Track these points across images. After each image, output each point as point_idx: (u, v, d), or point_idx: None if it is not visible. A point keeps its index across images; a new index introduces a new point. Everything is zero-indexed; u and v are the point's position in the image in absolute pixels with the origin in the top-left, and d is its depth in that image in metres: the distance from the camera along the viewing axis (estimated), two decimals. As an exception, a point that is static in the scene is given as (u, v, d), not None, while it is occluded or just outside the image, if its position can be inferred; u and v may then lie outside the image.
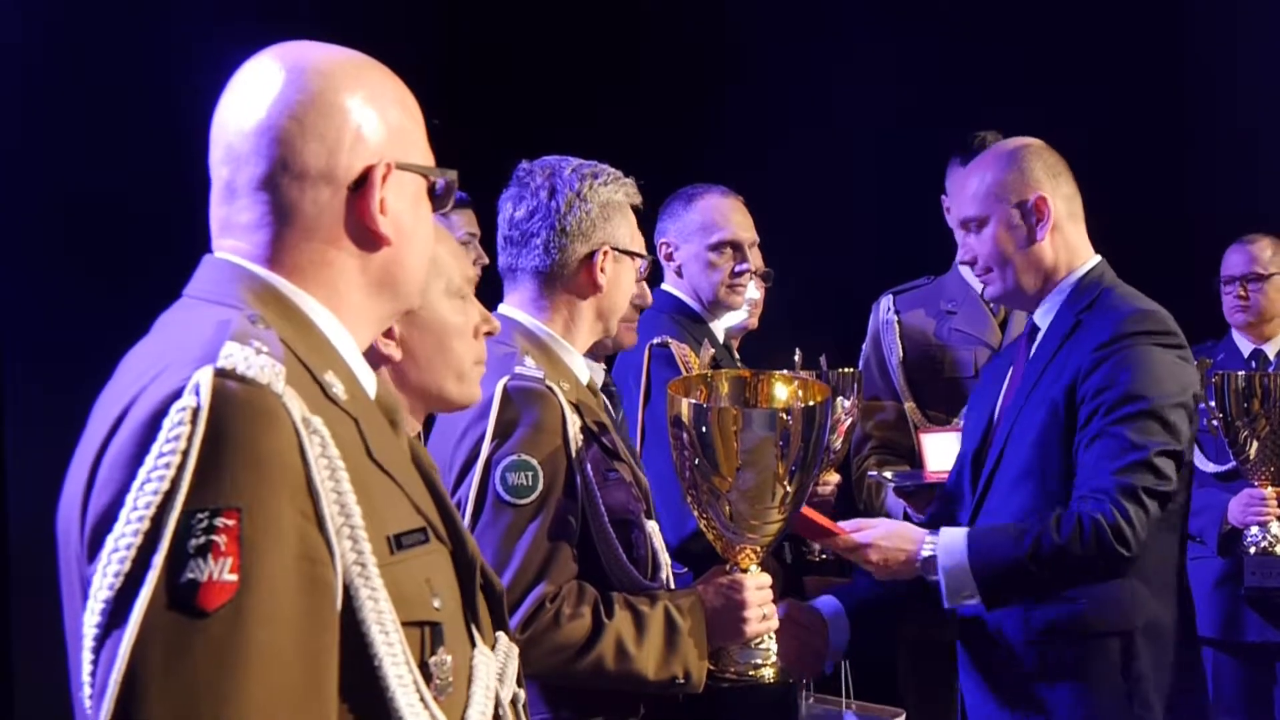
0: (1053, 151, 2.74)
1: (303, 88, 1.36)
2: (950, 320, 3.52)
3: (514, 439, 2.16)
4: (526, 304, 2.37)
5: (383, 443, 1.38)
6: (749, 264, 3.30)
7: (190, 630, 1.15)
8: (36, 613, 3.25)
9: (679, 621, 2.23)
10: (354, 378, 1.40)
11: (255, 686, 1.17)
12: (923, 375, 3.51)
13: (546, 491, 2.16)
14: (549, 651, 2.12)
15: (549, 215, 2.33)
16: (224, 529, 1.17)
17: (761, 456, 2.24)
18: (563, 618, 2.13)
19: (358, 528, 1.26)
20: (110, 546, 1.18)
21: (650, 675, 2.21)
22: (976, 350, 3.47)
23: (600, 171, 2.38)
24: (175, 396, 1.20)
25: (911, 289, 3.63)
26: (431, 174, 1.45)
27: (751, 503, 2.27)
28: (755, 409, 2.35)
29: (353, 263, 1.39)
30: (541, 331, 2.35)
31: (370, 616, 1.27)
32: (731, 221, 3.30)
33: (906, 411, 3.49)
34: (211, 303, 1.34)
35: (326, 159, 1.36)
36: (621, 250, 2.38)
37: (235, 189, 1.37)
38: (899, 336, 3.54)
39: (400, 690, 1.29)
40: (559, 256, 2.34)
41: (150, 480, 1.17)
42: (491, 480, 2.15)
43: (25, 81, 3.43)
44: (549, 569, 2.15)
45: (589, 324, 2.39)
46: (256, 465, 1.20)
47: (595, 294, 2.37)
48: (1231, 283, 4.23)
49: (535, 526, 2.15)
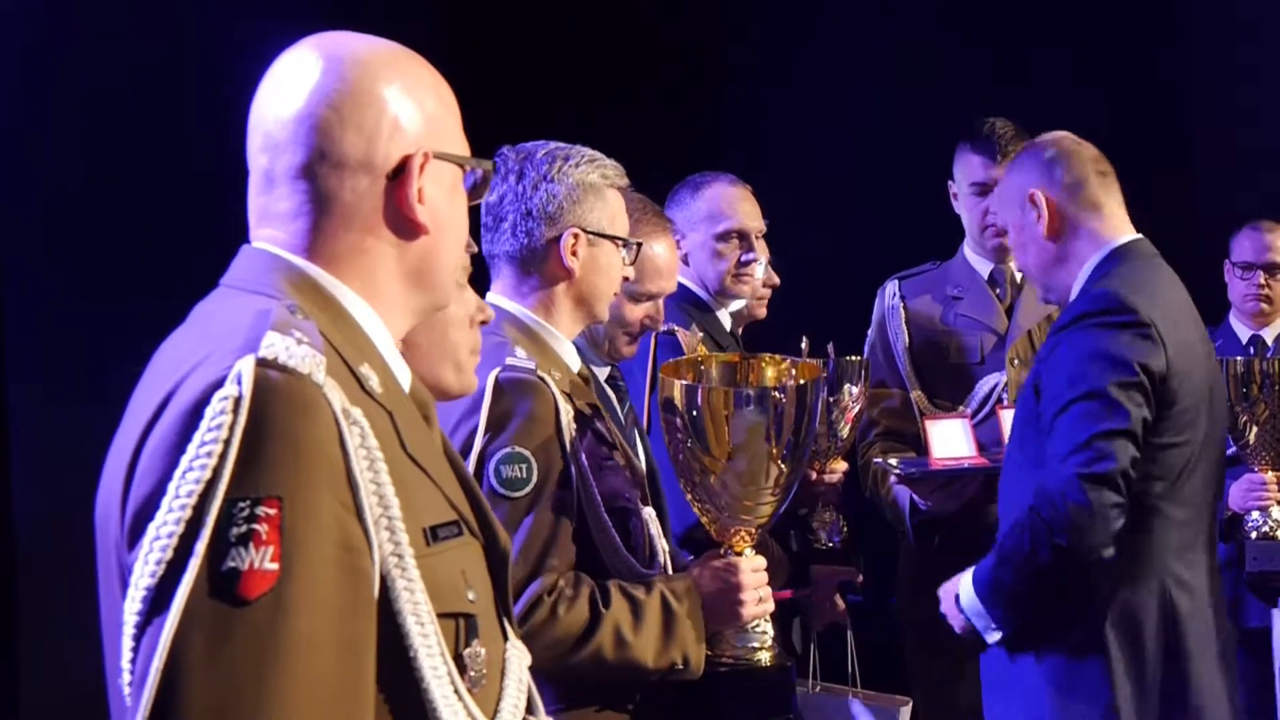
0: (1063, 141, 2.75)
1: (341, 77, 1.37)
2: (956, 306, 3.52)
3: (507, 431, 2.15)
4: (508, 290, 2.35)
5: (416, 436, 1.38)
6: (755, 253, 3.29)
7: (231, 618, 1.16)
8: (42, 610, 3.25)
9: (675, 607, 2.23)
10: (389, 370, 1.40)
11: (296, 674, 1.17)
12: (929, 361, 3.50)
13: (541, 483, 2.15)
14: (548, 644, 2.10)
15: (516, 198, 2.32)
16: (265, 518, 1.17)
17: (753, 437, 2.25)
18: (560, 609, 2.13)
19: (395, 519, 1.27)
20: (152, 534, 1.18)
21: (650, 663, 2.21)
22: (982, 336, 3.47)
23: (573, 154, 2.35)
24: (217, 385, 1.20)
25: (917, 274, 3.62)
26: (468, 164, 1.46)
27: (744, 484, 2.28)
28: (745, 387, 2.35)
29: (391, 252, 1.39)
30: (528, 319, 2.34)
31: (406, 607, 1.27)
32: (739, 210, 3.30)
33: (913, 399, 3.49)
34: (250, 292, 1.34)
35: (365, 148, 1.36)
36: (596, 233, 2.34)
37: (274, 178, 1.38)
38: (905, 322, 3.54)
39: (435, 682, 1.29)
40: (526, 240, 2.31)
41: (192, 469, 1.18)
42: (486, 473, 2.14)
43: (25, 81, 3.41)
44: (546, 561, 2.14)
45: (569, 310, 2.36)
46: (298, 455, 1.20)
47: (568, 279, 2.33)
48: (1251, 270, 4.20)
49: (531, 519, 2.14)
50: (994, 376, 3.42)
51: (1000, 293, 3.52)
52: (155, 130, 3.44)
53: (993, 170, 3.41)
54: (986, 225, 3.45)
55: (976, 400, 3.42)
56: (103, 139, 3.47)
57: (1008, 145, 3.39)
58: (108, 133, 3.48)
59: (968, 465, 3.16)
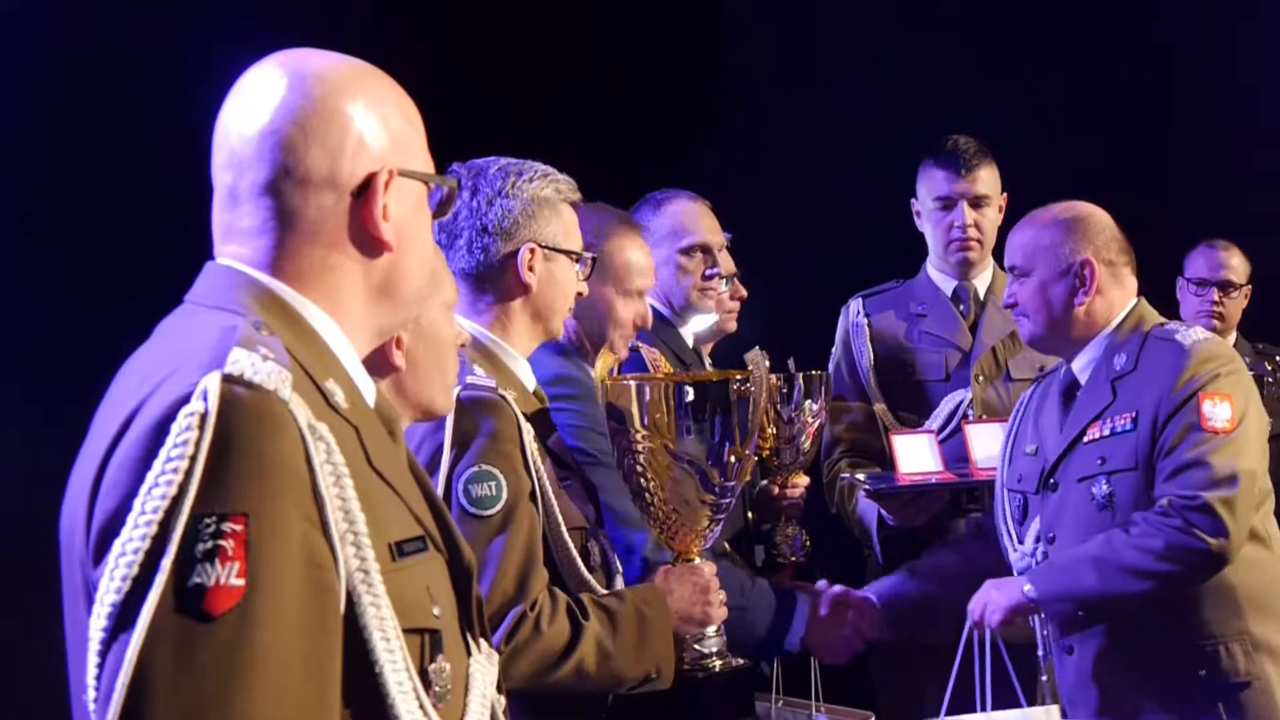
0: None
1: (306, 94, 1.37)
2: (921, 323, 3.55)
3: (473, 450, 2.14)
4: (464, 309, 2.33)
5: (382, 451, 1.39)
6: (719, 268, 3.32)
7: (197, 634, 1.16)
8: (8, 625, 3.22)
9: (649, 615, 2.25)
10: (354, 386, 1.40)
11: (262, 690, 1.18)
12: (893, 378, 3.53)
13: (512, 500, 2.15)
14: (533, 660, 2.11)
15: (471, 214, 2.32)
16: (231, 534, 1.17)
17: (690, 437, 2.31)
18: (543, 625, 2.12)
19: (361, 534, 1.27)
20: (118, 550, 1.18)
21: (628, 673, 2.22)
22: (947, 353, 3.51)
23: (526, 169, 2.36)
24: (183, 401, 1.20)
25: (881, 292, 3.65)
26: (433, 181, 1.46)
27: (686, 487, 2.32)
28: (670, 384, 2.37)
29: (355, 269, 1.40)
30: (484, 337, 2.34)
31: (372, 623, 1.28)
32: (701, 226, 3.32)
33: (877, 413, 3.52)
34: (215, 309, 1.34)
35: (330, 165, 1.37)
36: (552, 248, 2.35)
37: (238, 194, 1.38)
38: (869, 340, 3.57)
39: (400, 697, 1.29)
40: (483, 256, 2.32)
41: (158, 484, 1.18)
42: (454, 493, 2.13)
43: (17, 84, 3.40)
44: (527, 579, 2.14)
45: (526, 326, 2.37)
46: (263, 470, 1.20)
47: (525, 294, 2.34)
48: (1206, 287, 4.27)
49: (505, 537, 2.13)
50: (959, 393, 3.45)
51: (964, 309, 3.55)
52: (140, 138, 3.44)
53: (956, 184, 3.46)
54: (951, 239, 3.49)
55: (942, 416, 3.45)
56: (89, 146, 3.48)
57: (971, 160, 3.45)
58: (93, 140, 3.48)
59: (935, 480, 3.19)
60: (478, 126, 3.72)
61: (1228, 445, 2.63)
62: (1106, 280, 2.81)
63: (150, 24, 3.56)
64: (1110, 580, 2.66)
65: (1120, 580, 2.65)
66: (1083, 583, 2.71)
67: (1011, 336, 3.47)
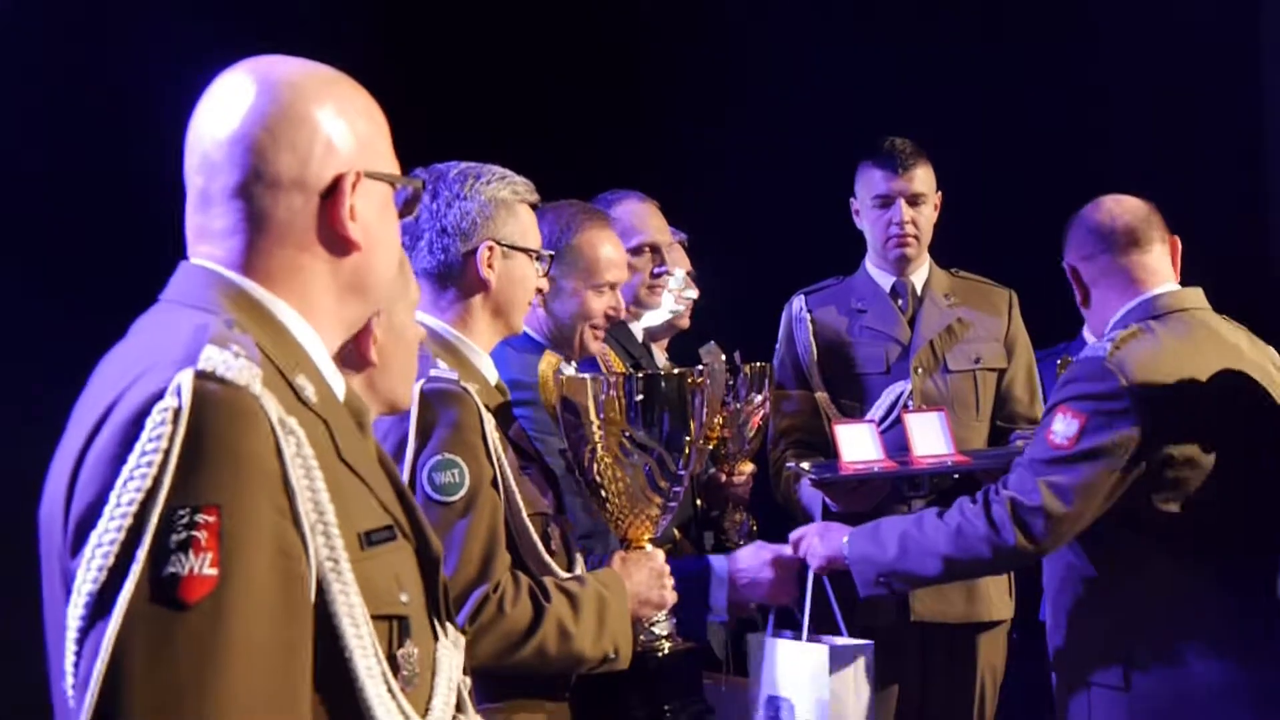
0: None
1: (275, 99, 1.41)
2: (861, 318, 3.63)
3: (436, 439, 2.20)
4: (427, 306, 2.41)
5: (351, 443, 1.43)
6: (666, 265, 3.38)
7: (172, 622, 1.20)
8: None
9: (608, 598, 2.31)
10: (324, 380, 1.44)
11: (234, 676, 1.21)
12: (835, 371, 3.61)
13: (475, 487, 2.20)
14: (496, 640, 2.17)
15: (431, 216, 2.39)
16: (204, 525, 1.21)
17: (647, 429, 2.39)
18: (506, 606, 2.18)
19: (331, 524, 1.31)
20: (94, 542, 1.22)
21: (588, 653, 2.28)
22: (887, 346, 3.59)
23: (484, 172, 2.43)
24: (157, 397, 1.24)
25: (822, 288, 3.73)
26: (398, 182, 1.51)
27: (641, 477, 2.41)
28: (627, 379, 2.44)
29: (324, 268, 1.44)
30: (447, 333, 2.40)
31: (341, 610, 1.32)
32: (649, 225, 3.38)
33: (820, 404, 3.59)
34: (188, 307, 1.38)
35: (298, 168, 1.41)
36: (510, 246, 2.42)
37: (210, 197, 1.42)
38: (812, 335, 3.65)
39: (369, 681, 1.34)
40: (443, 256, 2.39)
41: (133, 478, 1.21)
42: (419, 481, 2.18)
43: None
44: (490, 562, 2.20)
45: (487, 322, 2.44)
46: (235, 464, 1.24)
47: (485, 291, 2.41)
48: None
49: (468, 522, 2.19)
50: (899, 384, 3.54)
51: (902, 304, 3.64)
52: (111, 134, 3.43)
53: (894, 183, 3.54)
54: (889, 236, 3.58)
55: (883, 407, 3.54)
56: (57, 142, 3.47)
57: (908, 160, 3.54)
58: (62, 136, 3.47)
59: (878, 469, 3.26)
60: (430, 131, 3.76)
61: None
62: (1094, 275, 2.82)
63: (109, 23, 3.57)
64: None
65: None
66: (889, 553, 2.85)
67: (948, 330, 3.58)
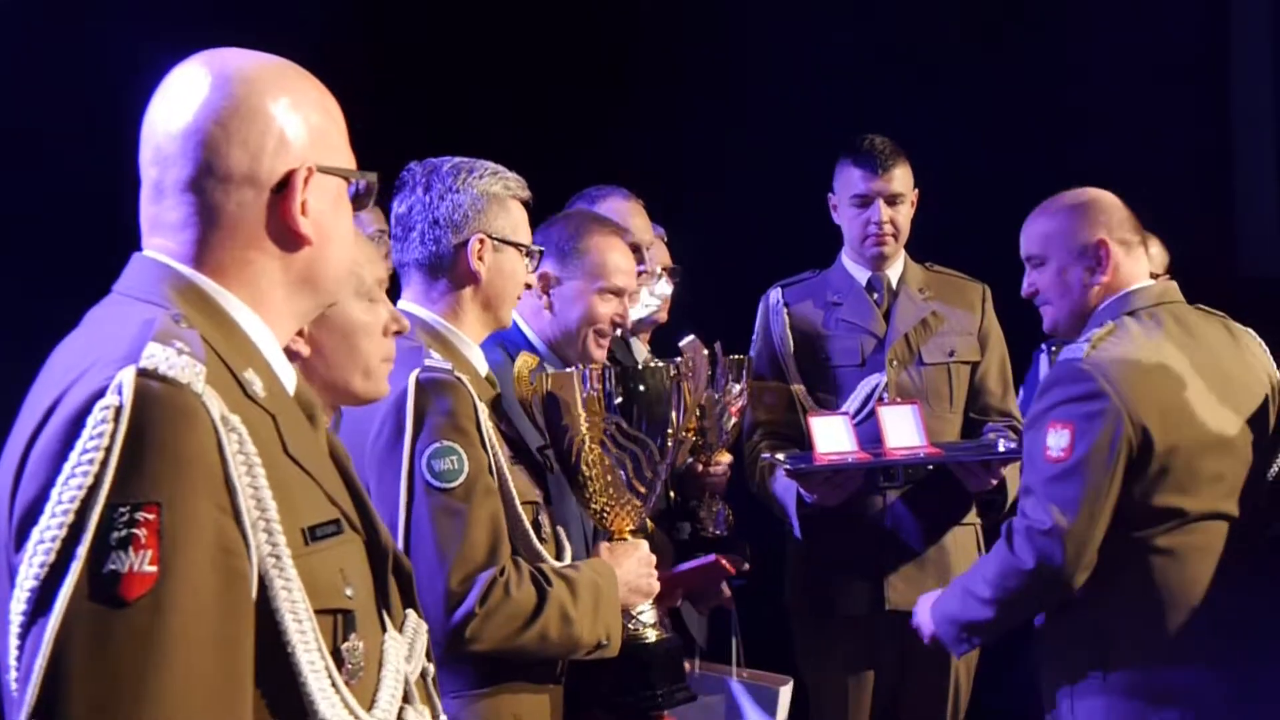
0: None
1: (228, 94, 1.41)
2: (836, 311, 3.65)
3: (434, 427, 2.22)
4: (419, 297, 2.44)
5: (299, 438, 1.43)
6: (646, 265, 3.40)
7: (112, 619, 1.20)
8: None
9: (602, 586, 2.34)
10: (273, 375, 1.44)
11: (174, 672, 1.22)
12: (811, 363, 3.62)
13: (474, 473, 2.22)
14: (503, 622, 2.19)
15: (424, 209, 2.42)
16: (144, 522, 1.22)
17: (631, 422, 2.40)
18: (511, 589, 2.21)
19: (272, 521, 1.31)
20: (36, 538, 1.22)
21: (585, 639, 2.30)
22: (862, 339, 3.61)
23: (476, 166, 2.45)
24: (99, 395, 1.24)
25: (799, 282, 3.75)
26: (352, 176, 1.51)
27: (624, 469, 2.42)
28: (612, 372, 2.45)
29: (275, 263, 1.44)
30: (438, 324, 2.42)
31: (284, 605, 1.32)
32: (632, 224, 3.39)
33: (796, 396, 3.61)
34: (138, 300, 1.38)
35: (250, 163, 1.41)
36: (500, 240, 2.44)
37: (163, 189, 1.42)
38: (788, 327, 3.66)
39: (312, 676, 1.34)
40: (434, 248, 2.41)
41: (74, 475, 1.22)
42: (418, 469, 2.20)
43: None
44: (496, 547, 2.22)
45: (476, 314, 2.46)
46: (176, 462, 1.24)
47: (475, 283, 2.43)
48: None
49: (470, 508, 2.21)
50: (874, 377, 3.56)
51: (878, 298, 3.65)
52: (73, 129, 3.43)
53: (873, 183, 3.55)
54: (867, 235, 3.59)
55: (859, 400, 3.55)
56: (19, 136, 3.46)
57: (887, 160, 3.54)
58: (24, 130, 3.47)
59: (851, 460, 3.29)
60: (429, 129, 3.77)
61: None
62: (1121, 258, 2.83)
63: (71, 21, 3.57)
64: None
65: None
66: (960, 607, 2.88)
67: (923, 323, 3.60)
